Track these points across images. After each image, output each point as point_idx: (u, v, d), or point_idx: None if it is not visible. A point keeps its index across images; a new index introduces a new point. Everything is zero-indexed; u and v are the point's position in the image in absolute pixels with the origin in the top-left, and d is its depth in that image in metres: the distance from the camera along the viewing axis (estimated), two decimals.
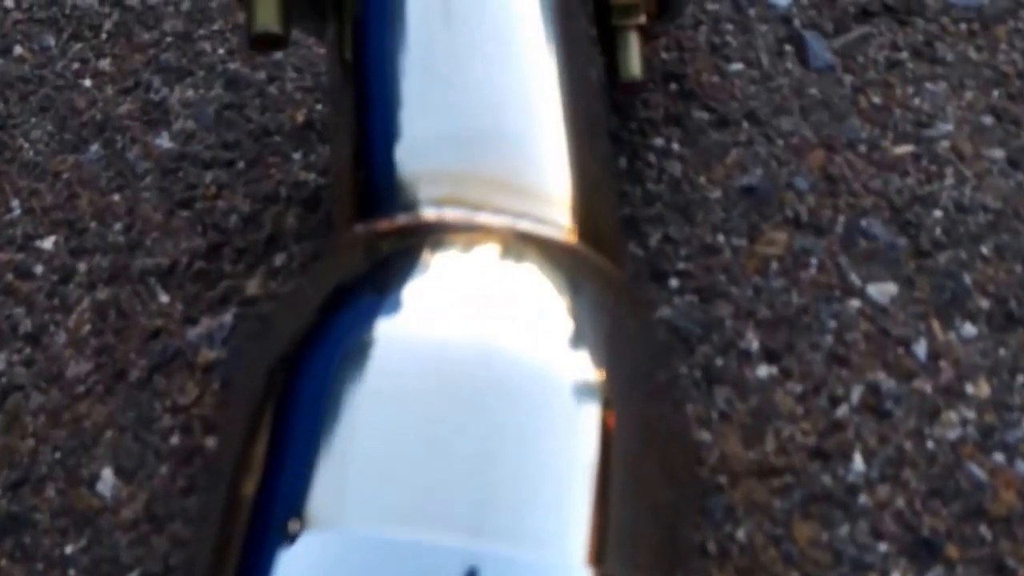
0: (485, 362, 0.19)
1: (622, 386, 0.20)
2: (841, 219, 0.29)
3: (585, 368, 0.20)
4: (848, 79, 0.31)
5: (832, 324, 0.28)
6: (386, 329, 0.20)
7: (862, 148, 0.30)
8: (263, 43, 0.25)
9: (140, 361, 0.32)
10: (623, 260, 0.24)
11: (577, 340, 0.20)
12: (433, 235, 0.20)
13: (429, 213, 0.21)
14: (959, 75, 0.30)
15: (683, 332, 0.28)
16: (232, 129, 0.35)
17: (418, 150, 0.22)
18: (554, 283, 0.20)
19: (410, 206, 0.21)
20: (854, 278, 0.28)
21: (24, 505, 0.31)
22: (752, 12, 0.33)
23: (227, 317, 0.32)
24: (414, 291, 0.20)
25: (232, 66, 0.37)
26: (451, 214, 0.21)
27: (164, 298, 0.33)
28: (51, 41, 0.39)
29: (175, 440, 0.31)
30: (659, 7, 0.30)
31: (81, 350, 0.33)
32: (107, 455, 0.31)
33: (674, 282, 0.29)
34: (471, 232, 0.21)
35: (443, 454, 0.18)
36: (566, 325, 0.20)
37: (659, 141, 0.31)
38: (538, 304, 0.20)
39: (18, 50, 0.39)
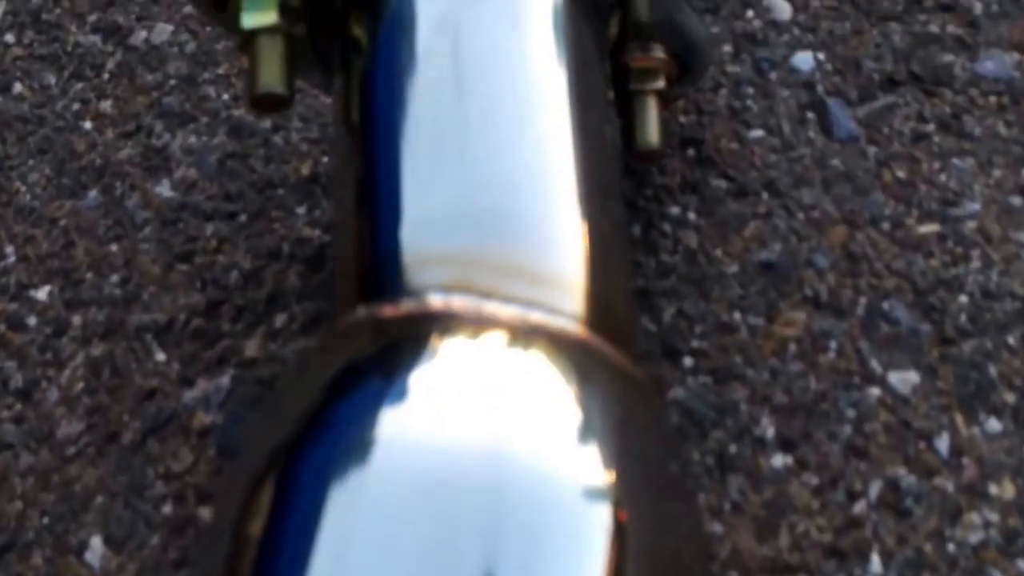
0: (491, 465, 0.18)
1: (633, 484, 0.19)
2: (862, 301, 0.28)
3: (594, 468, 0.19)
4: (872, 151, 0.30)
5: (851, 413, 0.27)
6: (390, 425, 0.19)
7: (885, 225, 0.29)
8: (266, 104, 0.25)
9: (134, 423, 0.31)
10: (636, 344, 0.23)
11: (586, 440, 0.19)
12: (440, 326, 0.20)
13: (436, 301, 0.20)
14: (987, 151, 0.30)
15: (696, 416, 0.28)
16: (235, 179, 0.35)
17: (425, 230, 0.21)
18: (564, 380, 0.20)
19: (416, 291, 0.21)
20: (875, 364, 0.27)
21: (10, 572, 0.30)
22: (774, 76, 0.32)
23: (224, 380, 0.31)
24: (420, 387, 0.19)
25: (236, 113, 0.36)
26: (459, 303, 0.20)
27: (160, 356, 0.32)
28: (52, 79, 0.38)
29: (168, 509, 0.30)
30: (679, 70, 0.29)
31: (73, 409, 0.32)
32: (97, 522, 0.30)
33: (688, 361, 0.28)
34: (479, 324, 0.20)
35: (447, 560, 0.18)
36: (575, 425, 0.19)
37: (675, 210, 0.30)
38: (546, 403, 0.19)
39: (18, 88, 0.38)
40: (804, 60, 0.32)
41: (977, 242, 0.28)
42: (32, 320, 0.34)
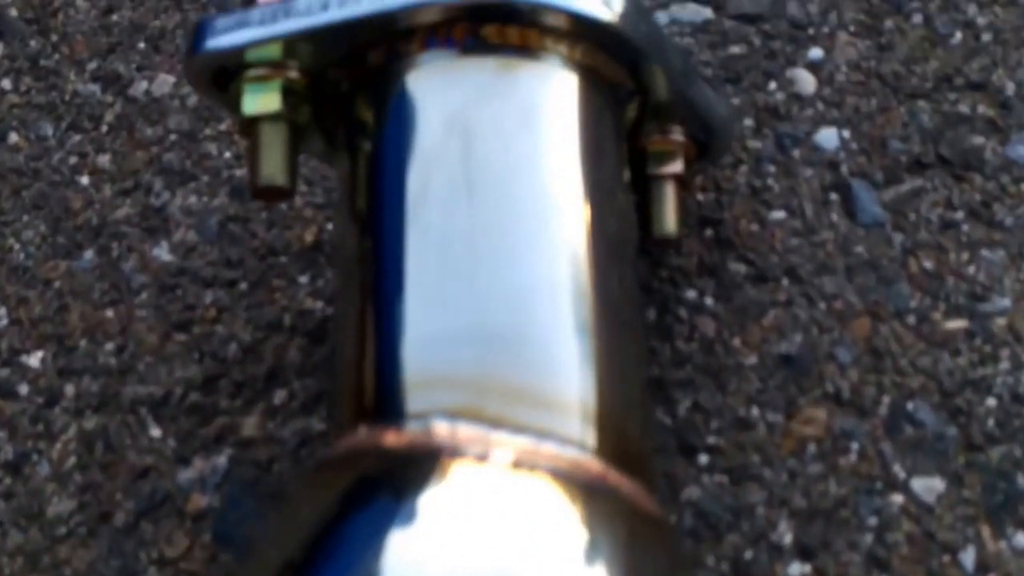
0: None
1: None
2: (886, 400, 0.27)
3: None
4: (898, 238, 0.29)
5: (872, 521, 0.26)
6: (392, 565, 0.18)
7: (911, 319, 0.28)
8: (267, 194, 0.24)
9: (127, 503, 0.31)
10: (652, 471, 0.23)
11: None
12: (445, 459, 0.19)
13: (442, 429, 0.19)
14: (1019, 243, 0.29)
15: (711, 518, 0.27)
16: (235, 245, 0.34)
17: (431, 349, 0.20)
18: (572, 519, 0.19)
19: (421, 415, 0.20)
20: (898, 469, 0.27)
21: None
22: (796, 153, 0.31)
23: (221, 459, 0.30)
24: (424, 529, 0.18)
25: (239, 172, 0.35)
26: (465, 432, 0.19)
27: (155, 432, 0.31)
28: (48, 130, 0.37)
29: None
30: (698, 151, 0.28)
31: (64, 485, 0.31)
32: None
33: (703, 458, 0.28)
34: (487, 456, 0.19)
35: None
36: (583, 565, 0.19)
37: (691, 294, 0.30)
38: (551, 543, 0.18)
39: (13, 137, 0.37)
40: (828, 137, 0.31)
41: (1007, 341, 0.27)
42: (24, 388, 0.33)
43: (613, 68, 0.23)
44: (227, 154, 0.35)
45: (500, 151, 0.20)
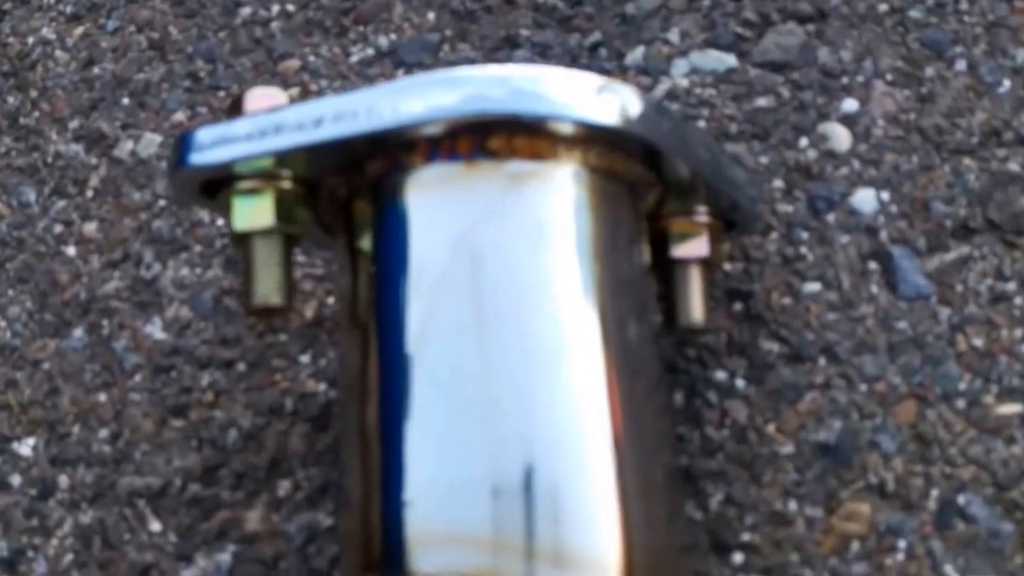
0: None
1: None
2: (935, 493, 0.27)
3: None
4: (945, 313, 0.28)
5: None
6: None
7: (960, 403, 0.27)
8: (263, 314, 0.23)
9: None
10: None
11: None
12: None
13: None
14: None
15: None
16: (232, 321, 0.33)
17: (443, 501, 0.19)
18: None
19: (425, 574, 0.19)
20: (950, 570, 0.26)
21: None
22: (831, 218, 0.30)
23: (225, 556, 0.30)
24: None
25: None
26: None
27: (155, 526, 0.31)
28: (31, 196, 0.37)
29: None
30: (725, 226, 0.27)
31: None
32: None
33: (738, 557, 0.27)
34: None
35: None
36: None
37: (721, 375, 0.29)
38: None
39: None
40: (866, 200, 0.30)
41: None
42: (16, 479, 0.32)
43: (631, 166, 0.22)
44: (220, 221, 0.34)
45: (511, 276, 0.20)
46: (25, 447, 0.33)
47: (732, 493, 0.28)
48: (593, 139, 0.21)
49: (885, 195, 0.30)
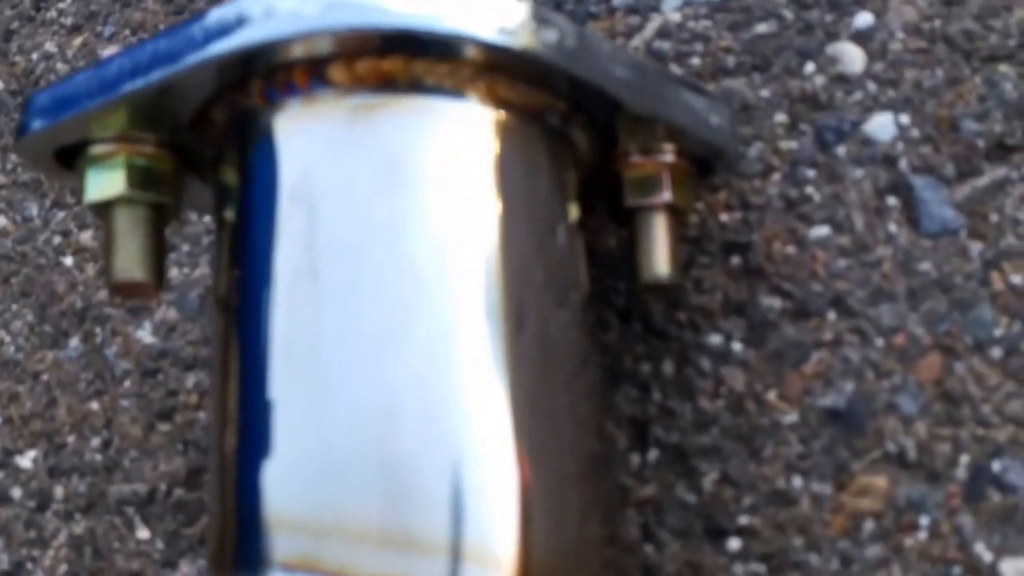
0: None
1: None
2: (964, 459, 0.25)
3: None
4: (976, 248, 0.27)
5: None
6: None
7: (995, 352, 0.26)
8: (126, 291, 0.24)
9: None
10: None
11: None
12: None
13: None
14: None
15: None
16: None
17: (269, 484, 0.19)
18: None
19: (259, 565, 0.19)
20: (982, 549, 0.24)
21: None
22: (842, 151, 0.29)
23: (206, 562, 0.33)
24: None
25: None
26: None
27: (143, 534, 0.34)
28: (34, 210, 0.41)
29: None
30: (699, 168, 0.27)
31: None
32: None
33: (734, 543, 0.27)
34: None
35: None
36: None
37: (716, 339, 0.29)
38: None
39: (2, 221, 0.42)
40: (882, 125, 0.29)
41: None
42: (17, 492, 0.36)
43: (521, 91, 0.22)
44: (207, 218, 0.38)
45: (350, 220, 0.20)
46: (26, 460, 0.37)
47: (728, 471, 0.27)
48: (462, 62, 0.21)
49: (904, 118, 0.29)
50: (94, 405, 0.36)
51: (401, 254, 0.20)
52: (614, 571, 0.22)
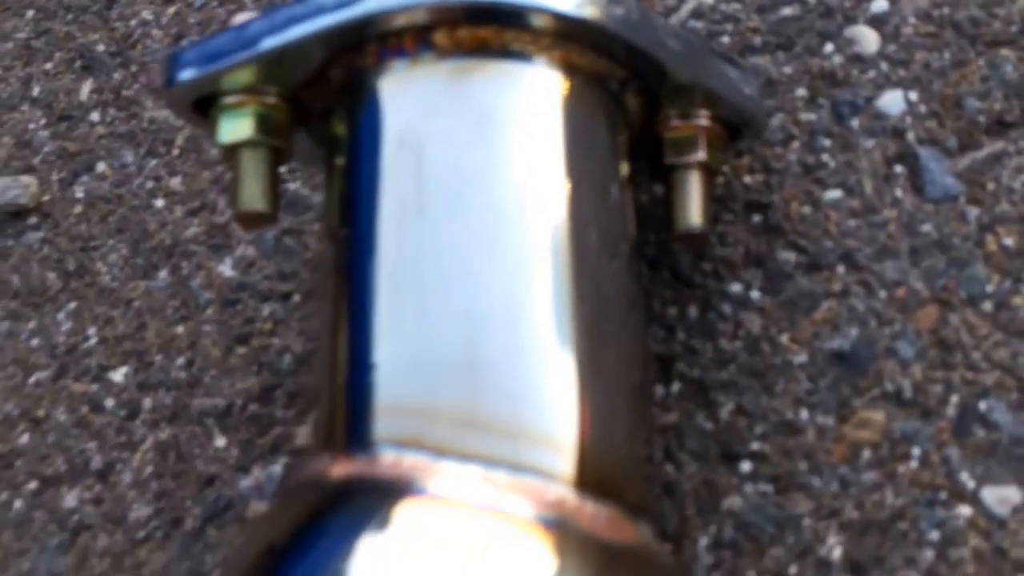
0: None
1: None
2: (954, 399, 0.26)
3: None
4: (974, 213, 0.27)
5: (934, 536, 0.25)
6: None
7: (986, 306, 0.26)
8: (249, 220, 0.26)
9: (195, 509, 0.35)
10: (640, 497, 0.22)
11: None
12: (387, 491, 0.20)
13: (386, 459, 0.20)
14: None
15: (753, 529, 0.26)
16: (290, 258, 0.37)
17: (382, 378, 0.21)
18: (521, 555, 0.19)
19: (370, 444, 0.21)
20: (966, 478, 0.25)
21: None
22: (855, 123, 0.29)
23: (276, 468, 0.34)
24: (359, 567, 0.19)
25: (292, 186, 0.38)
26: (410, 461, 0.20)
27: (220, 442, 0.35)
28: (129, 157, 0.42)
29: None
30: (729, 133, 0.28)
31: (143, 493, 0.36)
32: None
33: (746, 466, 0.27)
34: (425, 489, 0.20)
35: None
36: None
37: (736, 287, 0.29)
38: None
39: (101, 167, 0.43)
40: (893, 101, 0.29)
41: None
42: (110, 402, 0.38)
43: (591, 59, 0.23)
44: (282, 170, 0.38)
45: (451, 165, 0.21)
46: (118, 375, 0.38)
47: (743, 403, 0.28)
48: (543, 30, 0.22)
49: (913, 95, 0.29)
50: (179, 329, 0.37)
51: (492, 195, 0.22)
52: (648, 484, 0.23)
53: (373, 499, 0.19)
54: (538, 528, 0.19)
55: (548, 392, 0.20)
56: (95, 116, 0.44)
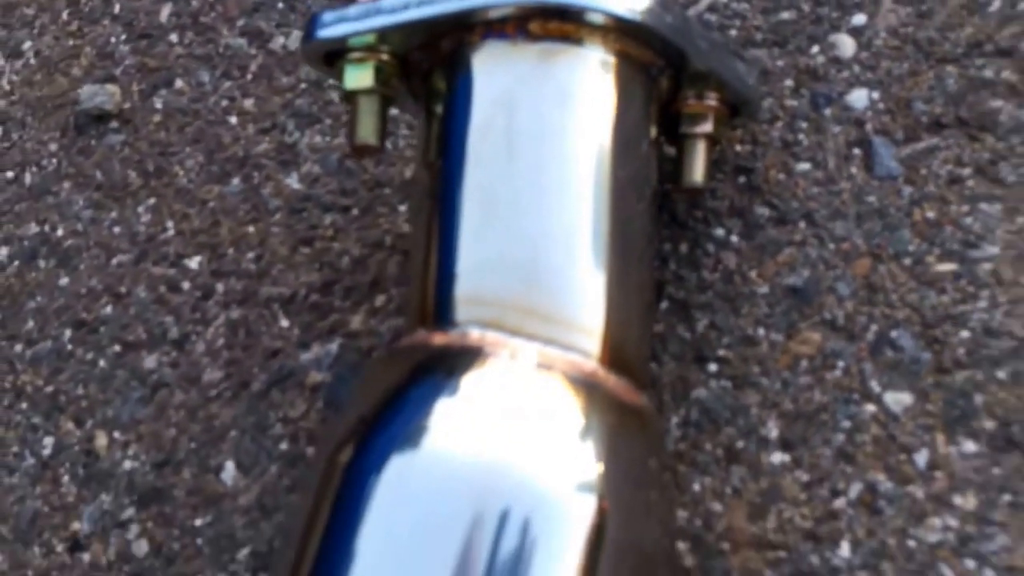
0: (505, 459, 0.30)
1: (616, 480, 0.30)
2: (873, 328, 0.37)
3: (586, 469, 0.30)
4: (908, 191, 0.39)
5: (846, 424, 0.36)
6: (435, 423, 0.31)
7: (907, 261, 0.38)
8: (361, 152, 0.37)
9: (261, 375, 0.46)
10: (644, 377, 0.34)
11: (582, 447, 0.30)
12: (474, 354, 0.31)
13: (474, 335, 0.32)
14: (1016, 198, 0.37)
15: (713, 414, 0.38)
16: (351, 178, 0.47)
17: (471, 276, 0.33)
18: (567, 403, 0.31)
19: (461, 323, 0.32)
20: (874, 385, 0.37)
21: (165, 482, 0.45)
22: (828, 112, 0.41)
23: (333, 347, 0.45)
24: (456, 404, 0.31)
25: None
26: (491, 337, 0.31)
27: (284, 323, 0.46)
28: (206, 77, 0.52)
29: (284, 446, 0.44)
30: (730, 111, 0.39)
31: (215, 359, 0.47)
32: (231, 451, 0.45)
33: (712, 367, 0.39)
34: (503, 356, 0.31)
35: (459, 546, 0.29)
36: (575, 435, 0.30)
37: (720, 232, 0.40)
38: (552, 418, 0.30)
39: (179, 83, 0.53)
40: (859, 98, 0.41)
41: (988, 283, 0.37)
42: (185, 284, 0.48)
43: (642, 51, 0.34)
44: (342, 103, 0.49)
45: (535, 123, 0.32)
46: (193, 262, 0.48)
47: (715, 320, 0.39)
48: (611, 28, 0.33)
49: (875, 94, 0.40)
50: (250, 229, 0.47)
51: (563, 147, 0.33)
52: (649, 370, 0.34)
53: (465, 359, 0.30)
54: (577, 388, 0.30)
55: (588, 295, 0.32)
56: (173, 37, 0.54)
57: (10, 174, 0.55)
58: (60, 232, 0.52)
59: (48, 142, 0.55)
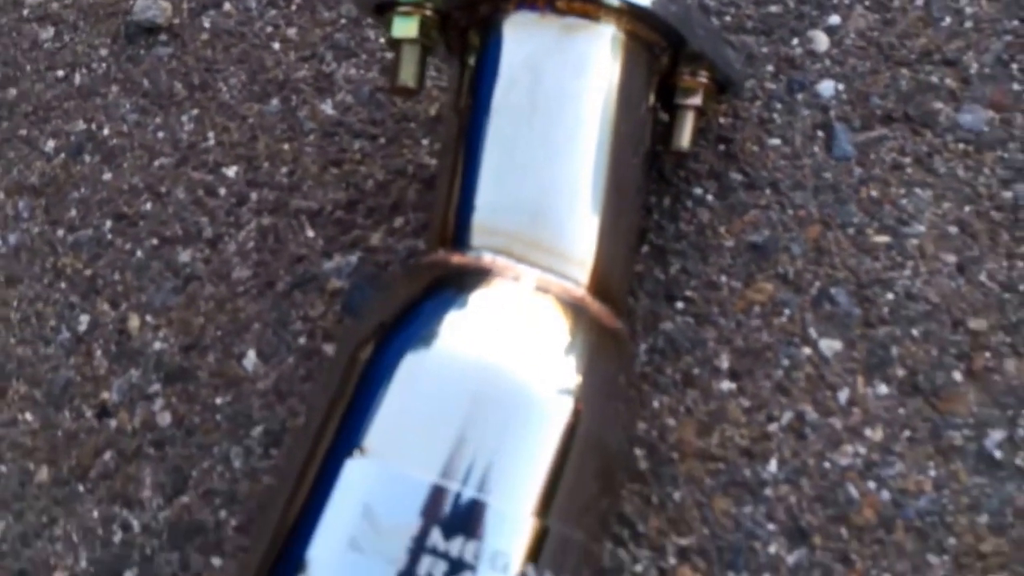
0: (503, 364, 0.36)
1: (591, 388, 0.37)
2: (817, 284, 0.44)
3: (567, 374, 0.36)
4: (858, 171, 0.45)
5: (785, 363, 0.43)
6: (447, 328, 0.37)
7: (851, 231, 0.44)
8: (401, 92, 0.42)
9: (286, 277, 0.51)
10: (623, 307, 0.41)
11: (567, 356, 0.37)
12: (484, 275, 0.37)
13: (486, 258, 0.38)
14: (944, 187, 0.44)
15: (676, 344, 0.45)
16: (380, 110, 0.53)
17: (487, 210, 0.39)
18: (559, 321, 0.37)
19: (475, 248, 0.38)
20: (812, 332, 0.44)
21: (191, 363, 0.51)
22: (800, 96, 0.47)
23: (353, 258, 0.50)
24: (467, 313, 0.37)
25: (390, 55, 0.54)
26: (499, 262, 0.38)
27: (310, 233, 0.52)
28: (253, 4, 0.57)
29: (302, 341, 0.50)
30: (718, 89, 0.45)
31: (245, 260, 0.52)
32: (253, 341, 0.50)
33: (680, 305, 0.45)
34: (512, 278, 0.37)
35: (457, 427, 0.35)
36: (561, 348, 0.37)
37: (698, 191, 0.47)
38: (544, 332, 0.37)
39: (227, 6, 0.57)
40: (827, 88, 0.47)
41: (914, 256, 0.43)
42: (222, 190, 0.53)
43: (648, 32, 0.39)
44: (382, 40, 0.54)
45: (556, 86, 0.38)
46: (230, 171, 0.54)
47: (686, 266, 0.46)
48: (624, 10, 0.38)
49: (841, 87, 0.47)
50: (285, 146, 0.53)
51: (578, 108, 0.39)
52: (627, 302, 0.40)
53: (475, 278, 0.36)
54: (566, 310, 0.37)
55: (584, 234, 0.38)
56: None
57: (60, 73, 0.59)
58: (106, 131, 0.57)
59: (99, 47, 0.59)
